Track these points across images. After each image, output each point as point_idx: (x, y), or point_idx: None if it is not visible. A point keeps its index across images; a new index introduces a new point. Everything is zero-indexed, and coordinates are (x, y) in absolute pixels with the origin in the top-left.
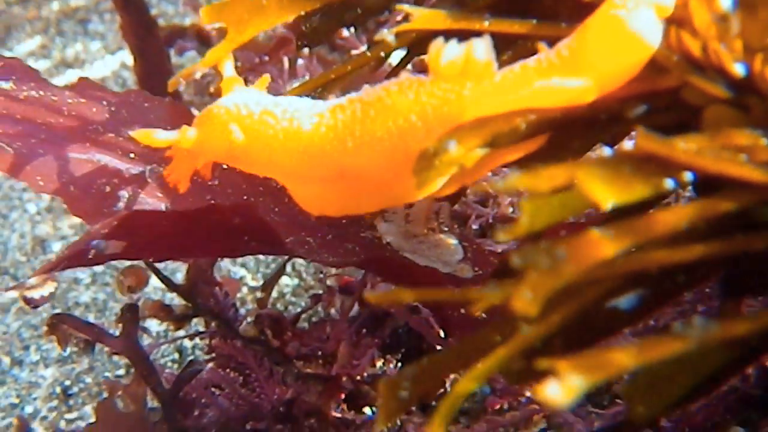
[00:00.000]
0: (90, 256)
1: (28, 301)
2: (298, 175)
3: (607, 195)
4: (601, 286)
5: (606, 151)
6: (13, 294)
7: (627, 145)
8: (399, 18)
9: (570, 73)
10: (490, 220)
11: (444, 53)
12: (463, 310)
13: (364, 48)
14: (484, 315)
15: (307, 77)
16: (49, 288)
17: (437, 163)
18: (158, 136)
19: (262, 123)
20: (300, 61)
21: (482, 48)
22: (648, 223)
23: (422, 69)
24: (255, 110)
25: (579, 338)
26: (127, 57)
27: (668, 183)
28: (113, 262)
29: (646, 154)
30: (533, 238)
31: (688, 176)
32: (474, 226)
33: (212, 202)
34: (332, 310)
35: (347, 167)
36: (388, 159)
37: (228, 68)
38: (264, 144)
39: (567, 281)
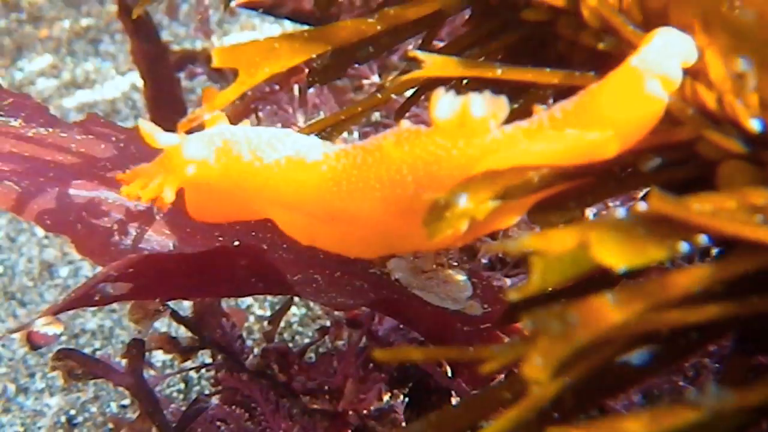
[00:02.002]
0: (96, 299)
1: (32, 342)
2: (289, 207)
3: (619, 259)
4: (613, 346)
5: (620, 212)
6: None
7: (641, 206)
8: (411, 46)
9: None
10: (500, 254)
11: (440, 107)
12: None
13: (375, 78)
14: None
15: (321, 114)
16: (54, 330)
17: (448, 216)
18: (159, 137)
19: (270, 147)
20: (310, 90)
21: (479, 104)
22: (662, 286)
23: None
24: (263, 135)
25: (591, 395)
26: (137, 78)
27: (682, 246)
28: None
29: (660, 216)
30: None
31: (702, 239)
32: (483, 260)
33: (219, 240)
34: (339, 342)
35: (339, 211)
36: (378, 208)
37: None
38: (267, 166)
39: (578, 346)
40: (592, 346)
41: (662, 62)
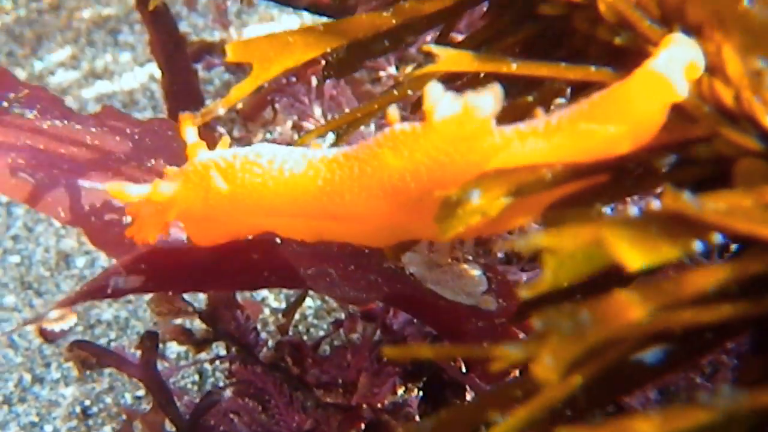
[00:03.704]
0: (108, 291)
1: (45, 335)
2: (288, 217)
3: (634, 257)
4: (626, 344)
5: (633, 210)
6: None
7: (654, 204)
8: (429, 38)
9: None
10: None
11: (439, 109)
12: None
13: (392, 70)
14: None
15: (343, 110)
16: (68, 322)
17: (460, 212)
18: (130, 191)
19: (247, 171)
20: (327, 81)
21: (480, 105)
22: (676, 286)
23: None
24: (235, 162)
25: (604, 393)
26: (156, 70)
27: (697, 245)
28: None
29: (674, 214)
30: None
31: (717, 237)
32: (499, 254)
33: None
34: (354, 335)
35: (342, 214)
36: (383, 210)
37: (190, 135)
38: (251, 191)
39: (590, 345)
40: (605, 345)
41: (669, 75)
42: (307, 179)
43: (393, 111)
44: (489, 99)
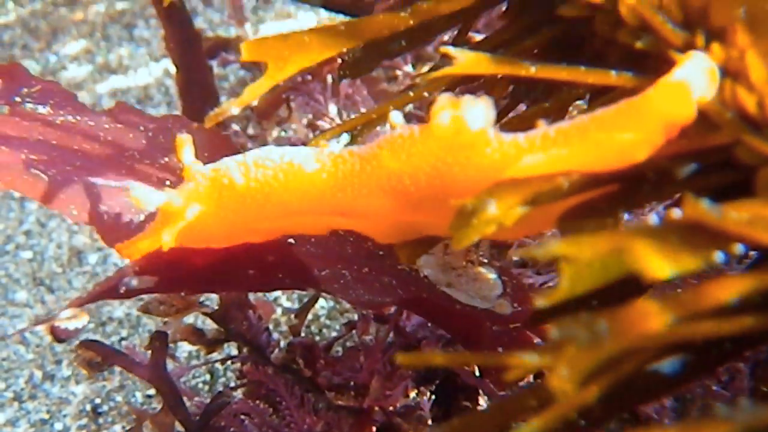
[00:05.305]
0: (121, 291)
1: (56, 335)
2: (296, 214)
3: (652, 267)
4: (643, 355)
5: (653, 219)
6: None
7: (675, 213)
8: (446, 37)
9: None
10: None
11: (439, 117)
12: (500, 350)
13: (409, 68)
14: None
15: (358, 109)
16: (80, 322)
17: (475, 222)
18: (151, 198)
19: (260, 166)
20: (344, 80)
21: (475, 115)
22: (696, 296)
23: None
24: (246, 159)
25: (619, 403)
26: (171, 65)
27: (718, 256)
28: None
29: (695, 224)
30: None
31: (739, 248)
32: (514, 257)
33: None
34: (367, 337)
35: (348, 210)
36: (386, 208)
37: (187, 155)
38: (263, 184)
39: (607, 356)
40: (622, 356)
41: (691, 84)
42: (314, 173)
43: (396, 116)
44: (480, 111)
